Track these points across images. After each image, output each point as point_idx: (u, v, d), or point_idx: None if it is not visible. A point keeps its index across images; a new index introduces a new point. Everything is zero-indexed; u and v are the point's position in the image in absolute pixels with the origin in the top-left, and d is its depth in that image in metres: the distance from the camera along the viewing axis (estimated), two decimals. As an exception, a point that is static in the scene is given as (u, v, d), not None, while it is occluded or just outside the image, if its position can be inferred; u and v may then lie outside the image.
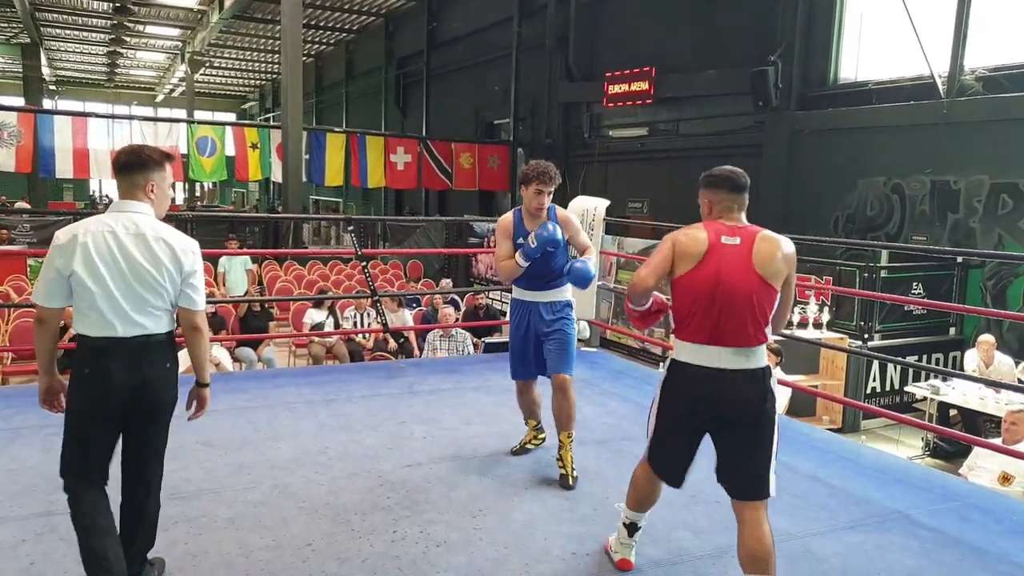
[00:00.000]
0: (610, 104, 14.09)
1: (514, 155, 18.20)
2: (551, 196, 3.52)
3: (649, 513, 3.13)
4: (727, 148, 12.00)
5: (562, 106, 16.05)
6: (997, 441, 4.97)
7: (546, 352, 3.59)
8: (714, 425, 2.48)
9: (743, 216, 2.54)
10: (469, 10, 19.23)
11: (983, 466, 4.89)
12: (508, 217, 3.64)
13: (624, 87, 13.64)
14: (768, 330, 2.45)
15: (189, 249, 2.44)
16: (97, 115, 15.59)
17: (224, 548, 2.75)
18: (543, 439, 3.93)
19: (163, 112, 38.10)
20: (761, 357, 2.45)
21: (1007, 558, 2.99)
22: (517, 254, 3.47)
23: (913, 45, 9.14)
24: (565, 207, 5.87)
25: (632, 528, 2.75)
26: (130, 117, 16.95)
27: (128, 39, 27.16)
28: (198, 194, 31.82)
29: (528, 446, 3.89)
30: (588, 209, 5.94)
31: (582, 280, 3.44)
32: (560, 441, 3.55)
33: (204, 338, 2.51)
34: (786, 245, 2.47)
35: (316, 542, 2.83)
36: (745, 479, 2.48)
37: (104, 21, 24.43)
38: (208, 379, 2.59)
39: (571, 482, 3.46)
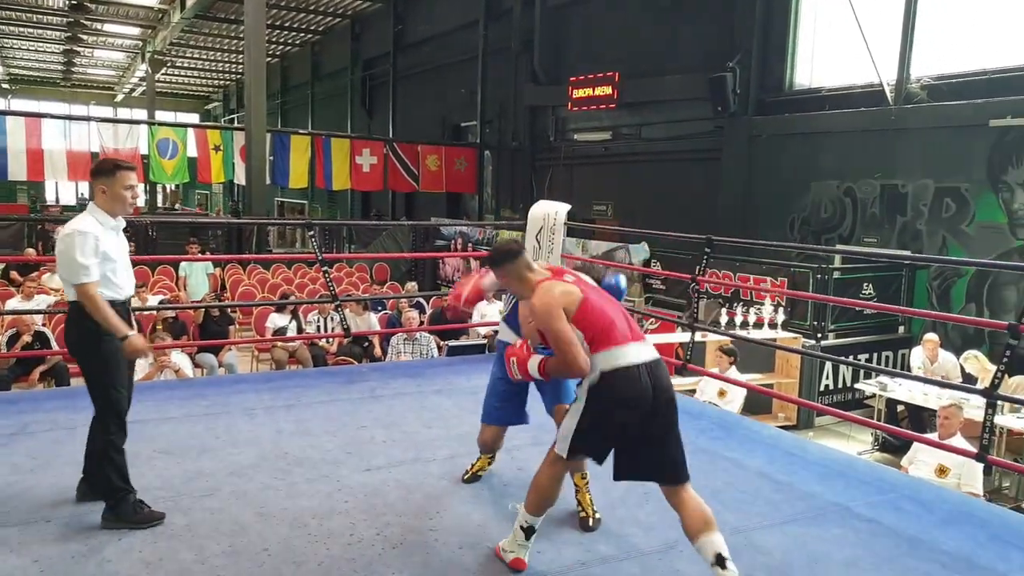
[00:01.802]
0: (574, 108, 14.26)
1: (481, 157, 18.29)
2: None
3: (602, 512, 3.25)
4: (687, 152, 12.25)
5: (528, 109, 16.18)
6: (935, 436, 5.19)
7: (542, 388, 3.41)
8: (649, 418, 2.66)
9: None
10: (435, 13, 19.27)
11: (922, 459, 5.12)
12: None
13: (588, 91, 13.81)
14: None
15: (63, 232, 3.01)
16: (52, 116, 15.30)
17: (180, 555, 2.79)
18: (493, 459, 3.72)
19: (124, 112, 37.47)
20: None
21: (937, 547, 3.16)
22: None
23: (863, 54, 9.43)
24: (527, 211, 5.95)
25: (530, 532, 2.81)
26: (87, 118, 16.64)
27: (85, 37, 26.69)
28: (160, 197, 31.24)
29: (479, 473, 3.67)
30: (548, 214, 6.04)
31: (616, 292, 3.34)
32: (575, 484, 3.27)
33: (91, 307, 2.95)
34: None
35: (273, 547, 2.88)
36: (677, 463, 2.71)
37: (60, 19, 23.98)
38: (120, 332, 2.99)
39: (592, 524, 3.19)
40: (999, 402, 5.71)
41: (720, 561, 2.56)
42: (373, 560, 2.83)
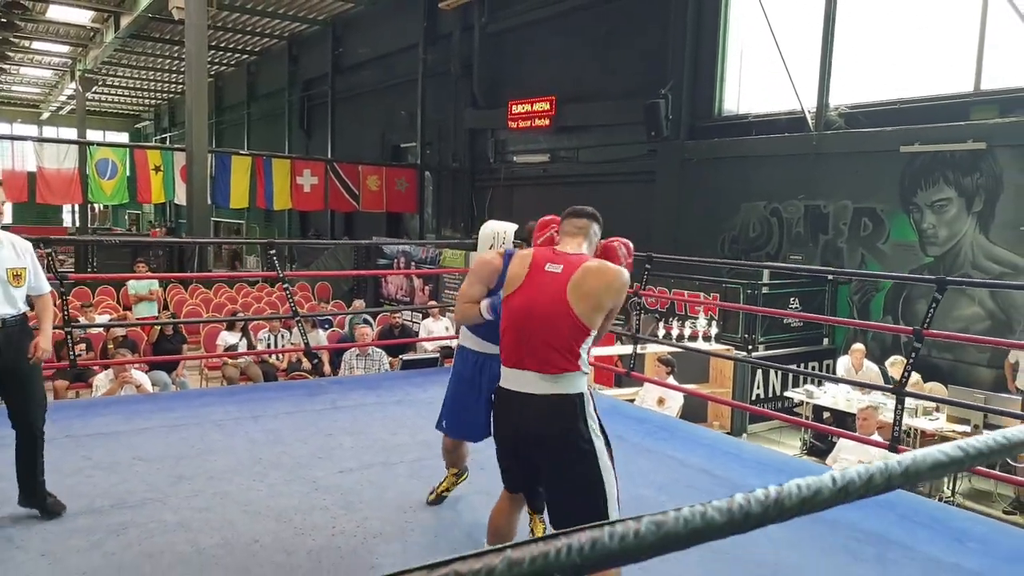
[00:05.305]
0: (512, 126, 14.67)
1: (422, 178, 18.55)
2: None
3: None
4: (623, 174, 12.79)
5: (468, 131, 16.54)
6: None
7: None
8: (527, 453, 2.43)
9: (581, 244, 2.51)
10: (374, 36, 19.51)
11: (845, 457, 5.62)
12: (495, 259, 3.05)
13: (526, 115, 14.28)
14: (582, 361, 2.39)
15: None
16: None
17: (177, 548, 2.98)
18: (465, 478, 3.72)
19: (51, 130, 36.38)
20: (570, 384, 2.36)
21: (855, 526, 3.58)
22: (484, 304, 2.92)
23: (786, 83, 10.14)
24: (474, 228, 6.25)
25: None
26: (22, 137, 16.23)
27: (12, 55, 25.93)
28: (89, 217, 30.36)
29: (444, 494, 3.62)
30: (499, 233, 6.32)
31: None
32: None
33: None
34: (611, 277, 2.39)
35: (263, 539, 3.09)
36: (561, 525, 2.34)
37: (-15, 36, 23.28)
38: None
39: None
40: (915, 407, 6.33)
41: None
42: (357, 548, 3.07)
